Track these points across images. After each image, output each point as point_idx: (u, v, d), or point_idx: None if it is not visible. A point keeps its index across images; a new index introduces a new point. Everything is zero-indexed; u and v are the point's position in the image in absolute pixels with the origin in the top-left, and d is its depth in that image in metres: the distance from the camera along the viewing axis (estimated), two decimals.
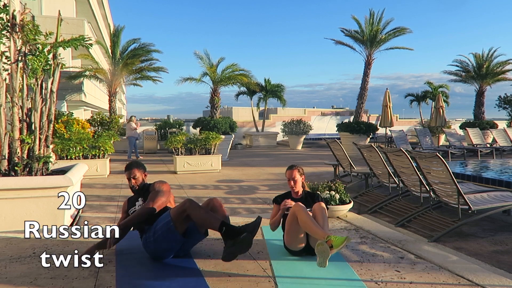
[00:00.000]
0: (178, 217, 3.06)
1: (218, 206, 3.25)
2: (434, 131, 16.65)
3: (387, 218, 5.16)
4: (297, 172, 3.59)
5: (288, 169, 3.64)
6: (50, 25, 5.24)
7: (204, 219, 3.04)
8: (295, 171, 3.58)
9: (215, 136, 9.97)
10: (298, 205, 3.22)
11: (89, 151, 8.73)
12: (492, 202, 4.48)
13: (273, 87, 19.77)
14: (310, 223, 3.10)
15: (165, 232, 3.07)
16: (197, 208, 3.06)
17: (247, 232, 2.84)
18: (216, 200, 3.29)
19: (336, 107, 55.15)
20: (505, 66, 18.90)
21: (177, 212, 3.07)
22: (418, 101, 22.71)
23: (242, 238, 2.81)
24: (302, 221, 3.14)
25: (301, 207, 3.19)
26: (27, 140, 4.38)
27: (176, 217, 3.07)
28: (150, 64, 17.13)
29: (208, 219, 3.04)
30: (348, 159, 7.10)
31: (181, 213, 3.05)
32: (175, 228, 3.05)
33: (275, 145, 19.14)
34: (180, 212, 3.05)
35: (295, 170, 3.59)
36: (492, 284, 2.79)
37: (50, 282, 2.75)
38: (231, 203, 6.27)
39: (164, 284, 2.76)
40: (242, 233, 2.84)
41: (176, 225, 3.06)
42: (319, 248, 2.83)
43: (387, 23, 14.94)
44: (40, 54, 4.56)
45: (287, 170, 3.64)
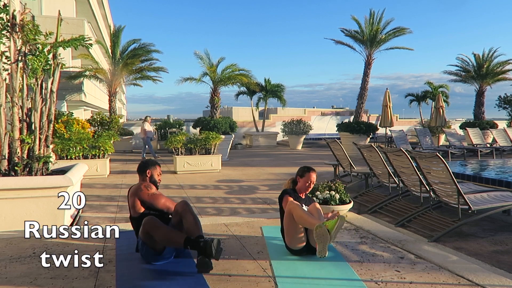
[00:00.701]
0: (146, 238, 3.02)
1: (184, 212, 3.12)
2: (434, 131, 16.65)
3: (387, 218, 5.16)
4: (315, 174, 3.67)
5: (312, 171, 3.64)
6: (50, 25, 5.24)
7: (166, 240, 2.99)
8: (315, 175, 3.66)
9: (215, 136, 9.98)
10: (292, 202, 3.28)
11: (89, 151, 8.73)
12: (492, 202, 4.48)
13: (273, 87, 19.76)
14: (304, 215, 3.17)
15: (146, 252, 3.08)
16: (157, 228, 2.97)
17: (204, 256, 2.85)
18: (180, 205, 3.18)
19: (336, 107, 55.15)
20: (505, 66, 18.90)
21: (143, 234, 3.04)
22: (418, 101, 22.70)
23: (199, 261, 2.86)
24: (297, 216, 3.18)
25: (295, 204, 3.25)
26: (27, 140, 4.38)
27: (144, 238, 3.04)
28: (150, 64, 17.14)
29: (171, 239, 2.98)
30: (348, 159, 7.10)
31: (146, 234, 3.01)
32: (152, 248, 3.03)
33: (275, 145, 19.14)
34: (145, 234, 3.01)
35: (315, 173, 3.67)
36: (492, 284, 2.79)
37: (50, 282, 2.75)
38: (231, 203, 6.27)
39: (164, 284, 2.76)
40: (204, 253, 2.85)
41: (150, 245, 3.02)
42: (318, 231, 2.88)
43: (387, 23, 14.96)
44: (40, 54, 4.56)
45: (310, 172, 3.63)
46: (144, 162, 3.55)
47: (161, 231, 2.97)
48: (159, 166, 3.53)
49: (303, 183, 3.61)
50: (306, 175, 3.62)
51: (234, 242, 3.69)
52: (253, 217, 4.75)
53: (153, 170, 3.46)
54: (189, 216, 3.11)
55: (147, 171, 3.47)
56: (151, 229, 2.97)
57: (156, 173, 3.47)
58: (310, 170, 3.66)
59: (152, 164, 3.51)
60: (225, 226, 4.27)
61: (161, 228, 2.99)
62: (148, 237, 3.01)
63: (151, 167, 3.47)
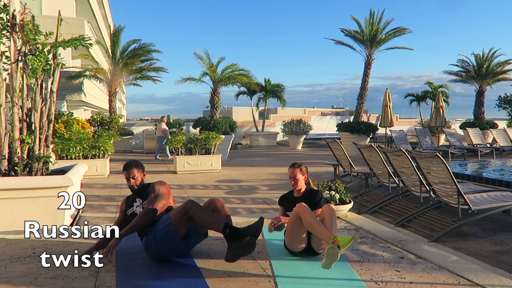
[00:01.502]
0: (179, 219, 3.03)
1: (220, 207, 3.24)
2: (434, 131, 16.65)
3: (387, 218, 5.16)
4: (298, 170, 3.54)
5: (290, 167, 3.61)
6: (50, 25, 5.23)
7: (207, 221, 3.03)
8: (296, 170, 3.54)
9: (215, 136, 9.98)
10: (302, 206, 3.17)
11: (89, 151, 8.73)
12: (492, 202, 4.48)
13: (273, 87, 19.77)
14: (315, 224, 3.05)
15: (165, 235, 3.05)
16: (199, 209, 3.04)
17: (250, 236, 2.85)
18: (218, 201, 3.28)
19: (336, 107, 55.17)
20: (505, 66, 18.92)
21: (178, 214, 3.04)
22: (418, 101, 22.71)
23: (245, 242, 2.82)
24: (306, 222, 3.10)
25: (305, 208, 3.14)
26: (27, 140, 4.38)
27: (177, 219, 3.03)
28: (150, 64, 17.14)
29: (212, 220, 3.02)
30: (348, 159, 7.10)
31: (183, 215, 3.02)
32: (175, 231, 3.03)
33: (275, 145, 19.14)
34: (182, 214, 3.03)
35: (297, 169, 3.55)
36: (492, 284, 2.79)
37: (50, 282, 2.75)
38: (231, 203, 6.27)
39: (164, 284, 2.76)
40: (245, 235, 2.85)
41: (177, 227, 3.03)
42: (329, 252, 2.75)
43: (387, 23, 14.97)
44: (40, 54, 4.56)
45: (289, 168, 3.61)
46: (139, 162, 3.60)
47: (204, 212, 3.04)
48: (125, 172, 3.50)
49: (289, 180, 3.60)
50: (288, 172, 3.60)
51: None
52: (253, 217, 4.74)
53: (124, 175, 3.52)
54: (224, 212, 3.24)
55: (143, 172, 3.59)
56: (194, 209, 3.00)
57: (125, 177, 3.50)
58: (290, 166, 3.62)
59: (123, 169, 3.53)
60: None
61: (204, 210, 3.08)
62: (182, 218, 3.02)
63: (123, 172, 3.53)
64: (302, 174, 3.57)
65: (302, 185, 3.58)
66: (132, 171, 3.49)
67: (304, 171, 3.60)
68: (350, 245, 2.76)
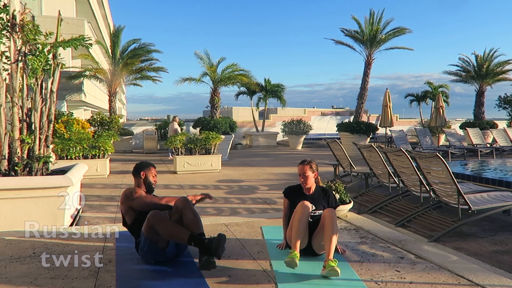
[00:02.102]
0: (150, 233, 2.98)
1: (185, 209, 3.08)
2: (434, 131, 16.65)
3: (387, 218, 5.16)
4: (308, 168, 3.43)
5: (300, 164, 3.49)
6: (50, 25, 5.24)
7: (170, 235, 2.95)
8: (306, 167, 3.43)
9: (215, 136, 9.98)
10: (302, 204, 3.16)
11: (89, 151, 8.73)
12: (492, 202, 4.48)
13: (273, 87, 19.77)
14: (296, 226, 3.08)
15: (148, 248, 3.04)
16: (161, 221, 2.94)
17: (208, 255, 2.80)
18: (180, 201, 3.13)
19: (336, 107, 55.16)
20: (505, 66, 18.92)
21: (146, 228, 2.99)
22: (418, 101, 22.71)
23: (205, 260, 2.78)
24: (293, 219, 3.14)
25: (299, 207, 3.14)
26: (27, 140, 4.38)
27: (148, 233, 2.99)
28: (150, 64, 17.14)
29: (175, 234, 2.94)
30: (348, 159, 7.10)
31: (149, 229, 2.96)
32: (156, 243, 3.00)
33: (275, 145, 19.14)
34: (149, 228, 2.97)
35: (307, 166, 3.43)
36: (492, 284, 2.79)
37: (50, 282, 2.75)
38: (231, 203, 6.27)
39: (164, 284, 2.76)
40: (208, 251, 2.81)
41: (155, 240, 2.98)
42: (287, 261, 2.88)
43: (387, 23, 14.97)
44: (40, 54, 4.56)
45: (299, 164, 3.50)
46: (138, 164, 3.51)
47: (166, 225, 2.93)
48: (153, 167, 3.48)
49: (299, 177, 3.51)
50: (298, 169, 3.50)
51: (234, 242, 3.69)
52: (253, 217, 4.75)
53: (147, 171, 3.43)
54: (189, 213, 3.07)
55: (141, 173, 3.43)
56: (156, 222, 2.93)
57: (150, 175, 3.43)
58: (300, 162, 3.52)
59: (146, 166, 3.46)
60: (225, 226, 4.27)
61: (166, 222, 2.96)
62: (152, 232, 2.96)
63: (145, 169, 3.43)
64: (312, 171, 3.45)
65: (312, 183, 3.47)
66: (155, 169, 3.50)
67: (314, 169, 3.47)
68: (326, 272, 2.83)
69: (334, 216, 3.12)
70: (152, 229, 2.96)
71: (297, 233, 3.08)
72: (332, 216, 3.10)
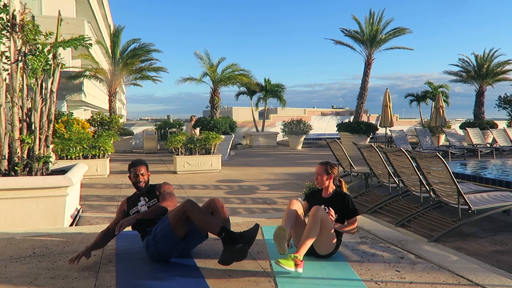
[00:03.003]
0: (177, 220, 3.01)
1: (220, 208, 3.21)
2: (434, 131, 16.65)
3: (387, 218, 5.16)
4: (323, 169, 3.41)
5: (319, 164, 3.49)
6: (50, 25, 5.24)
7: (204, 222, 3.01)
8: (322, 168, 3.42)
9: (215, 136, 9.98)
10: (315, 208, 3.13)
11: (89, 151, 8.73)
12: (492, 202, 4.48)
13: (273, 87, 19.77)
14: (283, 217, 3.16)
15: (164, 236, 3.04)
16: (197, 210, 3.01)
17: (243, 243, 2.84)
18: (218, 201, 3.25)
19: (336, 107, 55.15)
20: (505, 66, 18.93)
21: (176, 214, 3.02)
22: (418, 101, 22.71)
23: (238, 249, 2.82)
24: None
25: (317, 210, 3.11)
26: (27, 140, 4.38)
27: (175, 219, 3.01)
28: (150, 64, 17.13)
29: (209, 222, 3.00)
30: (348, 159, 7.11)
31: (181, 215, 3.00)
32: (174, 231, 3.01)
33: (275, 145, 19.15)
34: (180, 214, 3.00)
35: (323, 167, 3.42)
36: (492, 284, 2.79)
37: (50, 282, 2.75)
38: (231, 203, 6.27)
39: (164, 284, 2.76)
40: (240, 241, 2.85)
41: (175, 228, 3.01)
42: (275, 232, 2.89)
43: (387, 23, 14.96)
44: (40, 54, 4.56)
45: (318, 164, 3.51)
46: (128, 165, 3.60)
47: (201, 214, 3.01)
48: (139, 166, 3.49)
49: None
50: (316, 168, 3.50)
51: None
52: (253, 217, 4.75)
53: (130, 174, 3.50)
54: (222, 212, 3.20)
55: (128, 175, 3.54)
56: (192, 210, 2.97)
57: (132, 176, 3.48)
58: (320, 162, 3.51)
59: (129, 168, 3.53)
60: None
61: (201, 210, 3.04)
62: (180, 219, 2.99)
63: (128, 171, 3.52)
64: (327, 174, 3.40)
65: (326, 185, 3.43)
66: (141, 167, 3.49)
67: (331, 171, 3.42)
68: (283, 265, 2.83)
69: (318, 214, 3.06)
70: (183, 215, 2.99)
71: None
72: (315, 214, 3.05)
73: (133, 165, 3.50)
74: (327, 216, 3.15)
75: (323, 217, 3.09)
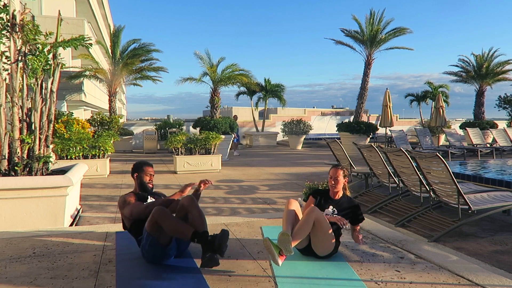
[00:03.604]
0: (153, 229, 2.96)
1: (190, 206, 3.09)
2: (434, 131, 16.65)
3: (387, 218, 5.16)
4: (341, 172, 3.45)
5: (333, 167, 3.51)
6: (50, 25, 5.24)
7: (174, 230, 2.94)
8: (340, 171, 3.45)
9: (215, 136, 9.98)
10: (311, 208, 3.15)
11: (89, 151, 8.73)
12: (492, 202, 4.48)
13: (273, 87, 19.77)
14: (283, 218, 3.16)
15: (150, 246, 3.02)
16: (166, 217, 2.92)
17: (211, 252, 2.82)
18: (187, 199, 3.13)
19: (336, 107, 55.14)
20: (505, 66, 18.92)
21: (149, 224, 2.97)
22: (418, 101, 22.71)
23: (207, 258, 2.80)
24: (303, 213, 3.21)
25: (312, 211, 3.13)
26: (27, 140, 4.38)
27: (151, 229, 2.97)
28: (150, 64, 17.12)
29: (178, 229, 2.94)
30: (348, 159, 7.10)
31: (153, 224, 2.95)
32: (157, 240, 2.99)
33: (275, 145, 19.14)
34: (152, 224, 2.95)
35: (340, 170, 3.46)
36: (492, 284, 2.79)
37: (50, 282, 2.75)
38: (231, 203, 6.27)
39: (164, 284, 2.76)
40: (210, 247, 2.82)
41: (156, 237, 2.97)
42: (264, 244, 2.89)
43: (387, 23, 14.96)
44: (40, 54, 4.56)
45: (332, 168, 3.51)
46: (133, 165, 3.53)
47: (170, 221, 2.93)
48: (148, 166, 3.47)
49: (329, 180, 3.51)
50: (330, 172, 3.50)
51: (234, 242, 3.69)
52: (253, 217, 4.75)
53: (140, 172, 3.44)
54: (194, 211, 3.07)
55: (134, 175, 3.47)
56: (160, 218, 2.92)
57: (144, 175, 3.43)
58: (334, 166, 3.53)
59: (140, 166, 3.47)
60: (225, 226, 4.27)
61: (170, 218, 2.96)
62: (155, 228, 2.96)
63: (138, 170, 3.45)
64: (344, 177, 3.47)
65: (341, 187, 3.48)
66: (152, 168, 3.49)
67: (346, 174, 3.50)
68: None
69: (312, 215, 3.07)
70: (156, 225, 2.95)
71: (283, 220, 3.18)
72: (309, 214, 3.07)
73: (147, 164, 3.46)
74: (324, 216, 3.15)
75: (319, 218, 3.09)
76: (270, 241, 2.87)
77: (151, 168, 3.48)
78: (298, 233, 3.04)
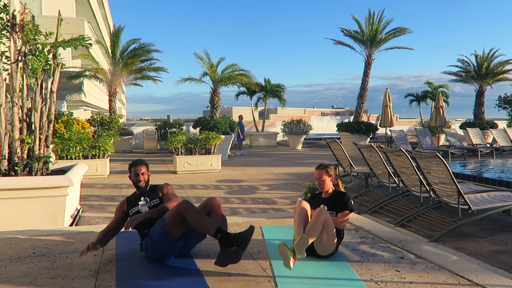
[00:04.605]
0: (174, 220, 2.99)
1: (217, 207, 3.19)
2: (434, 131, 16.65)
3: (387, 218, 5.16)
4: (324, 172, 3.48)
5: (316, 169, 3.55)
6: (50, 25, 5.24)
7: (199, 224, 2.99)
8: (322, 171, 3.49)
9: (215, 136, 9.98)
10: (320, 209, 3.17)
11: (89, 151, 8.73)
12: (492, 202, 4.48)
13: (273, 87, 19.78)
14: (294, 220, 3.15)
15: (161, 237, 3.03)
16: (193, 211, 2.99)
17: (237, 246, 2.84)
18: (215, 201, 3.24)
19: (336, 107, 55.15)
20: (505, 66, 18.93)
21: (172, 215, 3.01)
22: (418, 101, 22.72)
23: (232, 251, 2.82)
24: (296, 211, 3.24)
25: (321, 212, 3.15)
26: (27, 140, 4.38)
27: (171, 220, 3.00)
28: (150, 64, 17.13)
29: (204, 224, 2.99)
30: (348, 159, 7.10)
31: (176, 216, 2.99)
32: (171, 233, 3.00)
33: (275, 145, 19.15)
34: (176, 215, 2.99)
35: (323, 171, 3.49)
36: (492, 284, 2.79)
37: (50, 282, 2.75)
38: (231, 203, 6.27)
39: (164, 284, 2.76)
40: (234, 243, 2.84)
41: (172, 229, 3.00)
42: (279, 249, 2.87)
43: (387, 23, 14.97)
44: (40, 54, 4.56)
45: (316, 169, 3.56)
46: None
47: (197, 215, 3.00)
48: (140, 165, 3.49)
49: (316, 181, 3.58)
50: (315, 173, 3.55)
51: None
52: (253, 217, 4.75)
53: (129, 174, 3.51)
54: (219, 211, 3.18)
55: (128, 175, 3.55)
56: (187, 211, 2.97)
57: (131, 176, 3.49)
58: (317, 167, 3.57)
59: (129, 168, 3.54)
60: None
61: (197, 211, 3.03)
62: (177, 220, 2.99)
63: (129, 171, 3.52)
64: (329, 175, 3.49)
65: (329, 187, 3.51)
66: (141, 167, 3.49)
67: (331, 173, 3.52)
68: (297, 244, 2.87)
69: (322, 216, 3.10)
70: (179, 216, 2.98)
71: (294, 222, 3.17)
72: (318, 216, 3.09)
73: (134, 165, 3.51)
74: (330, 217, 3.19)
75: (327, 218, 3.13)
76: (285, 245, 2.85)
77: (139, 167, 3.48)
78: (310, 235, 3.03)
